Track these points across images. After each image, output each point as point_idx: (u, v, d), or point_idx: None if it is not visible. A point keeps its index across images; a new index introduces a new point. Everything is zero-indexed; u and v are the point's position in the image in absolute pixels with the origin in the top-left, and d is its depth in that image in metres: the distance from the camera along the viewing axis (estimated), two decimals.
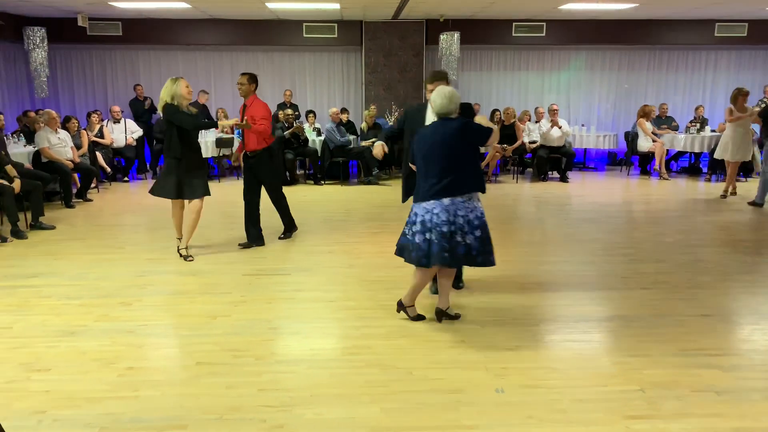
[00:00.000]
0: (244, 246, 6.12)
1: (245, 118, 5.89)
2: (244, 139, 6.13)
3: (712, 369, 3.51)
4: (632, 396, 3.22)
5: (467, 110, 4.41)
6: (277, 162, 6.34)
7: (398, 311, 4.29)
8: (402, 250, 4.05)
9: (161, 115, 5.74)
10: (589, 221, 7.48)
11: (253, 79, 6.00)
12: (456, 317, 4.25)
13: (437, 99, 3.84)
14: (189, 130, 5.52)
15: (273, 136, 6.26)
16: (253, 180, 6.12)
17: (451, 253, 3.81)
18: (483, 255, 3.88)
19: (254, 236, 6.19)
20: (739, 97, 8.75)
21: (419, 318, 4.23)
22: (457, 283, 4.87)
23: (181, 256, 5.74)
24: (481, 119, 4.03)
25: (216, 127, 6.39)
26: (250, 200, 6.14)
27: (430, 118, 4.15)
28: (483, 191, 3.93)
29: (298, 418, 3.01)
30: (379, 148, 4.75)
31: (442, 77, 4.41)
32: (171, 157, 5.56)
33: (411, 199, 4.15)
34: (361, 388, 3.31)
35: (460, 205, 3.82)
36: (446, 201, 3.81)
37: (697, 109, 11.59)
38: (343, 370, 3.53)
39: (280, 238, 6.43)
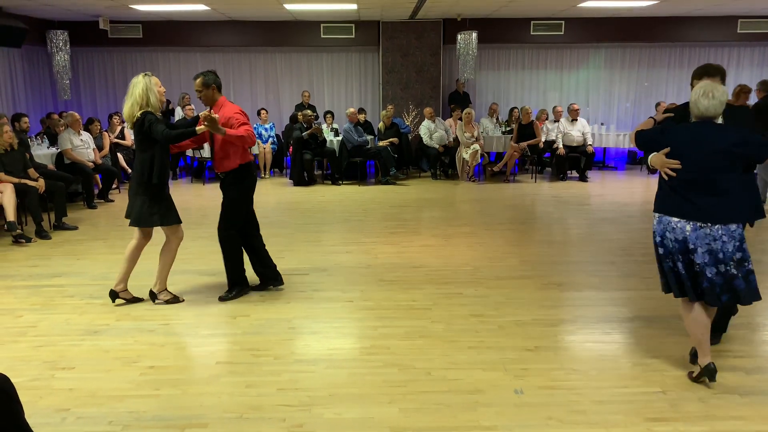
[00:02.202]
0: (226, 297, 4.75)
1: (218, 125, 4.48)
2: (213, 152, 4.68)
3: (736, 371, 3.46)
4: (654, 398, 3.19)
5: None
6: (245, 188, 4.70)
7: (697, 379, 3.35)
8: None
9: (129, 126, 4.45)
10: (609, 221, 7.41)
11: (210, 80, 4.57)
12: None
13: (702, 100, 3.19)
14: (163, 143, 4.35)
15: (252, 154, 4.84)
16: None
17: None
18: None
19: (241, 281, 4.80)
20: (741, 94, 8.49)
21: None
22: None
23: (167, 302, 4.64)
24: None
25: (194, 134, 4.41)
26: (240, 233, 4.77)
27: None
28: (751, 222, 3.27)
29: (317, 418, 3.03)
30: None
31: (712, 72, 3.61)
32: (156, 182, 4.38)
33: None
34: (380, 388, 3.31)
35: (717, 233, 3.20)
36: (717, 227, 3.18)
37: None
38: (362, 370, 3.53)
39: (221, 298, 4.73)
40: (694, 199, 3.20)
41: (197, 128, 4.38)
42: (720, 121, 3.32)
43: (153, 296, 4.67)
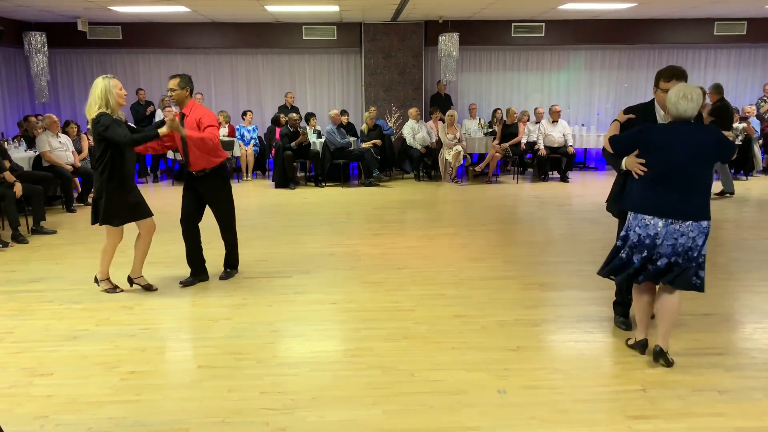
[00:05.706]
0: (187, 284, 5.10)
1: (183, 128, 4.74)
2: (186, 152, 4.92)
3: (714, 368, 3.50)
4: (634, 396, 3.22)
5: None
6: (229, 184, 5.17)
7: (633, 347, 3.67)
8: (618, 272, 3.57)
9: (90, 128, 4.59)
10: (590, 221, 7.47)
11: (185, 82, 4.81)
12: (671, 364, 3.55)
13: (682, 102, 3.29)
14: (122, 146, 4.50)
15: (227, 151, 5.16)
16: (195, 202, 5.07)
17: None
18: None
19: (200, 269, 5.20)
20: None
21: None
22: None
23: (143, 287, 4.98)
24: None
25: (158, 137, 4.62)
26: (190, 225, 5.10)
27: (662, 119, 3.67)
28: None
29: (300, 421, 3.02)
30: None
31: (680, 75, 3.64)
32: (112, 182, 4.60)
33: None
34: (363, 391, 3.31)
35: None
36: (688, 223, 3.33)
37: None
38: (345, 373, 3.53)
39: (221, 278, 5.24)
40: (669, 195, 3.34)
41: (160, 131, 4.55)
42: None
43: (130, 281, 5.01)
